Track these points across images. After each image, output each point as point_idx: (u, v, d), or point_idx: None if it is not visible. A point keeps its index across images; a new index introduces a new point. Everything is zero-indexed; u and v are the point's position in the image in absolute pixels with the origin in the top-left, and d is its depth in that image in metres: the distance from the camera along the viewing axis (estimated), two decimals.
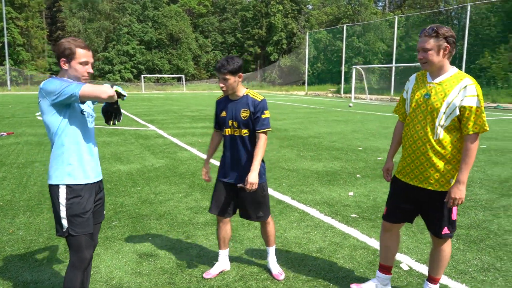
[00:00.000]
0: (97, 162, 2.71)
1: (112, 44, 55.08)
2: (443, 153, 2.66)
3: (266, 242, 3.46)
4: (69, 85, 2.38)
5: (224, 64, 3.09)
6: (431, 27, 2.61)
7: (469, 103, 2.55)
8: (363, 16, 53.00)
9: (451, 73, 2.66)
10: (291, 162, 7.98)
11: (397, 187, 2.93)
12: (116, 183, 6.40)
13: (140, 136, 11.47)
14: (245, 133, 3.22)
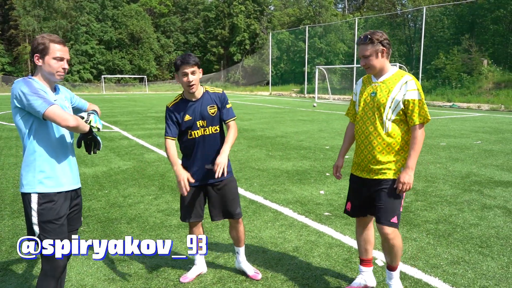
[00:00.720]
0: (74, 168, 2.57)
1: (70, 44, 53.10)
2: (393, 145, 2.83)
3: (238, 242, 3.38)
4: (37, 99, 2.26)
5: (190, 56, 2.98)
6: (365, 35, 2.80)
7: (411, 97, 2.76)
8: (324, 18, 53.98)
9: (392, 72, 2.88)
10: (261, 162, 7.98)
11: (354, 183, 3.07)
12: (82, 186, 6.06)
13: (104, 138, 11.12)
14: (216, 130, 3.16)
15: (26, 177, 2.38)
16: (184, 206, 3.23)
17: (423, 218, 4.77)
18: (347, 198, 3.16)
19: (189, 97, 3.10)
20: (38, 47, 2.36)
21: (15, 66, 54.45)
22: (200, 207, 3.25)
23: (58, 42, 2.40)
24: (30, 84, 2.32)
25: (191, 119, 3.07)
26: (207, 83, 58.63)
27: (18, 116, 2.36)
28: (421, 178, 6.69)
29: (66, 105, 2.56)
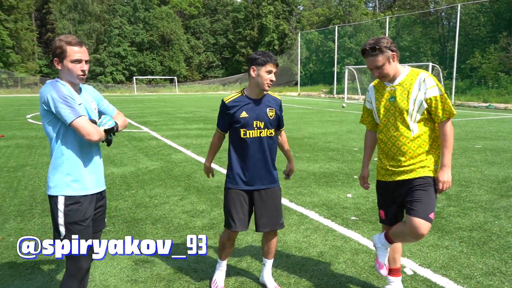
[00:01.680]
0: (99, 171, 2.58)
1: (103, 46, 54.63)
2: (423, 145, 2.73)
3: (269, 254, 3.22)
4: (66, 109, 2.27)
5: (273, 54, 2.96)
6: (371, 46, 2.67)
7: (433, 94, 2.68)
8: (354, 17, 53.22)
9: (406, 72, 2.79)
10: (285, 165, 7.86)
11: (384, 189, 2.93)
12: (110, 186, 6.26)
13: (134, 138, 11.31)
14: (271, 134, 3.06)
15: (53, 179, 2.40)
16: (233, 213, 3.03)
17: (456, 224, 4.55)
18: (379, 206, 3.02)
19: (252, 95, 3.01)
20: (56, 51, 2.36)
21: (52, 68, 56.38)
22: (248, 216, 3.09)
23: (75, 44, 2.37)
24: (59, 89, 2.31)
25: (248, 117, 2.97)
26: (236, 84, 58.92)
27: (46, 120, 2.37)
28: (454, 182, 6.42)
29: (92, 106, 2.55)
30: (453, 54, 30.15)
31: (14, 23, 49.79)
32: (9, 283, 3.28)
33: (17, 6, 49.94)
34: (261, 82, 2.94)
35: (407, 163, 2.74)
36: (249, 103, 3.01)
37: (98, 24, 53.52)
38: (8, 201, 5.47)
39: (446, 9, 40.06)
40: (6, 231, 4.38)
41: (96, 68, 53.78)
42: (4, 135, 11.79)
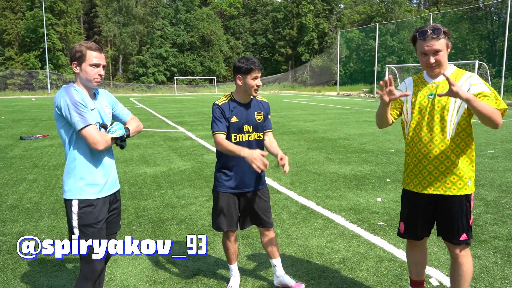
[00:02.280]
0: (112, 174, 2.62)
1: (146, 48, 56.29)
2: (456, 152, 2.49)
3: (273, 253, 3.20)
4: (76, 116, 2.33)
5: (258, 61, 2.97)
6: (436, 27, 2.42)
7: (479, 89, 2.41)
8: (396, 14, 51.74)
9: (452, 70, 2.57)
10: (319, 165, 7.76)
11: (410, 200, 2.70)
12: (141, 186, 6.41)
13: (169, 138, 11.54)
14: (259, 137, 3.09)
15: (68, 183, 2.46)
16: (221, 214, 3.09)
17: (492, 233, 4.29)
18: (401, 218, 2.79)
19: (242, 100, 3.03)
20: (75, 54, 2.42)
21: None
22: (237, 216, 3.13)
23: (94, 49, 2.44)
24: (71, 95, 2.36)
25: (238, 121, 2.99)
26: (274, 84, 58.89)
27: (60, 124, 2.44)
28: (494, 187, 6.07)
29: (107, 111, 2.60)
30: (502, 51, 28.59)
31: (63, 26, 52.36)
32: (36, 279, 3.42)
33: (66, 11, 52.49)
34: (248, 89, 2.96)
35: (437, 171, 2.51)
36: (239, 107, 3.02)
37: (141, 26, 55.24)
38: (45, 199, 5.72)
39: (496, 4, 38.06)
40: (40, 228, 4.58)
41: (139, 69, 55.50)
42: (49, 135, 12.37)
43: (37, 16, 49.12)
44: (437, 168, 2.52)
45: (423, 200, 2.61)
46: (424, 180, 2.57)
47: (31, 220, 4.86)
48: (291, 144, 10.35)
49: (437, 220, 2.64)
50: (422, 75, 2.67)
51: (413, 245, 2.81)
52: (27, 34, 50.34)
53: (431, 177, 2.54)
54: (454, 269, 2.63)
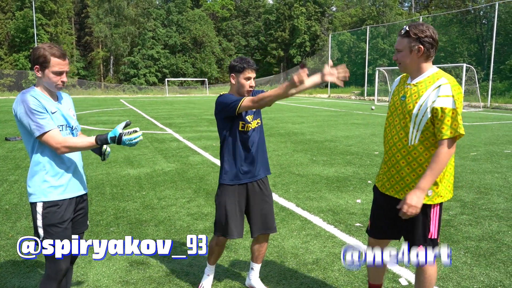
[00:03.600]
0: (79, 176, 2.62)
1: (137, 49, 56.08)
2: (419, 161, 2.43)
3: (258, 258, 3.23)
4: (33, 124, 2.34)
5: (252, 61, 3.00)
6: (405, 26, 2.45)
7: (442, 104, 2.32)
8: (388, 17, 52.11)
9: (429, 73, 2.46)
10: (302, 167, 7.80)
11: (376, 197, 2.73)
12: (123, 187, 6.40)
13: (156, 140, 11.52)
14: (258, 123, 3.12)
15: (32, 186, 2.46)
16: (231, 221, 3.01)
17: (465, 234, 4.36)
18: (370, 215, 2.82)
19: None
20: (38, 59, 2.39)
21: (88, 70, 58.45)
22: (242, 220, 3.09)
23: (58, 56, 2.40)
24: (27, 103, 2.34)
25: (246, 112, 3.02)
26: (266, 85, 58.95)
27: (22, 130, 2.44)
28: (473, 188, 6.16)
29: (71, 113, 2.60)
30: (491, 55, 28.94)
31: (54, 27, 51.98)
32: (8, 280, 3.41)
33: (57, 11, 52.11)
34: (241, 88, 2.98)
35: (399, 175, 2.50)
36: None
37: (133, 27, 55.01)
38: (24, 200, 5.69)
39: (485, 8, 38.52)
40: (17, 230, 4.56)
41: (130, 70, 55.27)
42: None
43: (27, 16, 48.73)
44: (398, 173, 2.51)
45: (386, 200, 2.62)
46: (387, 181, 2.58)
47: (8, 221, 4.83)
48: (277, 146, 10.39)
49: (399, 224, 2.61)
50: (407, 75, 2.62)
51: (375, 244, 2.74)
52: (16, 34, 49.92)
53: (392, 180, 2.55)
54: (418, 273, 2.62)
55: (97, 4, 54.97)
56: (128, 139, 2.47)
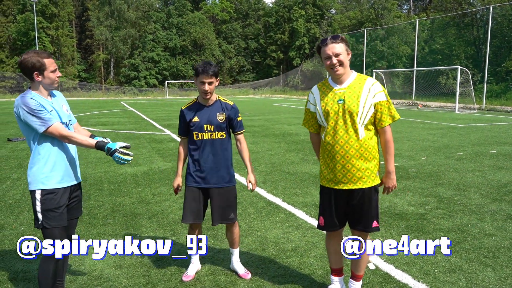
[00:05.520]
0: (74, 167, 2.95)
1: (138, 51, 56.53)
2: (369, 150, 2.85)
3: (233, 244, 3.58)
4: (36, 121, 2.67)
5: (211, 66, 3.25)
6: (334, 35, 2.84)
7: (380, 99, 2.81)
8: (386, 20, 52.49)
9: (354, 76, 2.89)
10: (293, 166, 8.13)
11: (327, 196, 2.99)
12: (120, 184, 6.73)
13: (154, 140, 11.86)
14: (222, 136, 3.40)
15: (31, 175, 2.80)
16: (186, 207, 3.42)
17: (436, 226, 4.69)
18: (319, 213, 3.08)
19: (203, 102, 3.40)
20: (35, 65, 2.71)
21: (89, 73, 58.86)
22: (201, 210, 3.44)
23: (48, 56, 2.76)
24: (28, 104, 2.67)
25: (199, 121, 3.34)
26: (266, 88, 59.33)
27: (23, 127, 2.78)
28: (452, 186, 6.48)
29: (64, 109, 2.94)
30: (485, 57, 29.26)
31: (55, 30, 52.42)
32: (12, 265, 3.74)
33: (58, 14, 52.58)
34: (199, 91, 3.33)
35: (354, 168, 2.82)
36: (201, 108, 3.38)
37: (133, 30, 55.46)
38: (26, 196, 6.02)
39: (482, 11, 38.88)
40: (19, 221, 4.90)
41: (130, 73, 55.69)
42: None
43: (28, 19, 49.18)
44: (354, 166, 2.83)
45: (338, 195, 2.93)
46: (343, 177, 2.86)
47: (12, 214, 5.17)
48: (271, 146, 10.72)
49: (350, 213, 2.97)
50: (327, 82, 2.94)
51: (332, 236, 3.12)
52: (18, 37, 50.38)
53: (349, 174, 2.85)
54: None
55: (98, 7, 55.48)
56: (118, 156, 2.80)
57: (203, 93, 3.29)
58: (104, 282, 3.41)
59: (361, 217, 2.93)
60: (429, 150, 9.97)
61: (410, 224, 4.75)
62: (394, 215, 5.08)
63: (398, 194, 6.00)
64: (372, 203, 2.92)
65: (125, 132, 13.85)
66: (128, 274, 3.54)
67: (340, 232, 3.12)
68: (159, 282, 3.42)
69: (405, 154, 9.32)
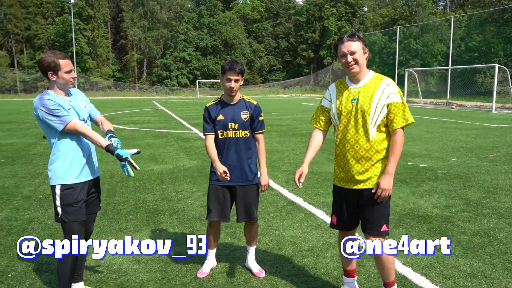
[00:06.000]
0: (92, 163, 3.05)
1: (170, 51, 57.59)
2: (380, 151, 2.78)
3: (250, 241, 3.59)
4: (54, 120, 2.77)
5: (238, 64, 3.29)
6: (351, 33, 2.79)
7: (394, 100, 2.74)
8: (421, 17, 51.12)
9: (371, 75, 2.84)
10: (317, 166, 8.06)
11: (339, 194, 2.97)
12: (145, 181, 6.89)
13: (181, 139, 12.05)
14: (246, 135, 3.41)
15: (51, 171, 2.91)
16: (211, 205, 3.43)
17: (461, 229, 4.53)
18: (332, 211, 3.07)
19: (227, 100, 3.42)
20: (50, 65, 2.81)
21: (123, 73, 60.46)
22: (226, 208, 3.45)
23: (63, 57, 2.84)
24: (46, 105, 2.78)
25: (224, 119, 3.36)
26: (296, 87, 59.07)
27: (43, 126, 2.90)
28: (482, 188, 6.25)
29: (82, 105, 3.04)
30: None
31: (91, 31, 54.16)
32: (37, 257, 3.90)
33: (94, 16, 54.29)
34: (224, 88, 3.33)
35: (364, 169, 2.78)
36: (226, 107, 3.38)
37: (166, 30, 56.54)
38: None
39: None
40: (48, 215, 5.10)
41: (162, 72, 56.80)
42: None
43: (66, 21, 51.06)
44: (364, 166, 2.79)
45: (349, 195, 2.89)
46: (353, 177, 2.83)
47: (41, 208, 5.39)
48: (296, 145, 10.68)
49: (360, 214, 2.90)
50: (344, 80, 2.92)
51: (345, 236, 2.99)
52: (56, 38, 52.39)
53: (358, 174, 2.81)
54: (376, 260, 2.90)
55: (132, 8, 56.88)
56: (127, 168, 2.91)
57: (229, 90, 3.31)
58: (121, 276, 3.51)
59: (369, 220, 2.85)
60: (461, 151, 9.65)
61: (433, 226, 4.62)
62: (417, 217, 4.95)
63: (423, 196, 5.85)
64: (381, 206, 2.82)
65: (153, 131, 14.14)
66: (145, 269, 3.62)
67: (352, 233, 3.07)
68: (174, 277, 3.48)
69: (435, 155, 9.06)
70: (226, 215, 3.45)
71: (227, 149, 3.38)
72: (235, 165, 3.38)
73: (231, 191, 3.44)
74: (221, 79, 3.36)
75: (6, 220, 4.92)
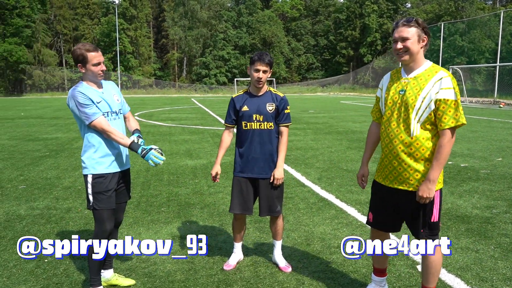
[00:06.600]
0: (122, 155, 3.12)
1: (209, 50, 58.36)
2: (421, 151, 2.53)
3: (276, 235, 3.55)
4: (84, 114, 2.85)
5: (266, 55, 3.26)
6: (409, 17, 2.55)
7: (445, 96, 2.43)
8: (467, 13, 49.01)
9: (426, 66, 2.56)
10: (352, 164, 7.90)
11: (378, 191, 2.80)
12: (179, 175, 7.00)
13: (217, 135, 12.16)
14: (270, 127, 3.36)
15: (84, 161, 3.01)
16: (235, 197, 3.45)
17: (502, 231, 4.29)
18: (370, 207, 2.92)
19: (254, 92, 3.40)
20: (78, 58, 2.89)
21: (164, 71, 61.92)
22: (249, 201, 3.44)
23: (93, 50, 2.90)
24: (76, 98, 2.87)
25: (248, 110, 3.34)
26: (334, 85, 58.27)
27: (75, 116, 2.99)
28: None
29: (115, 98, 3.10)
30: None
31: (134, 31, 55.82)
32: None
33: (137, 16, 55.92)
34: (252, 79, 3.29)
35: (401, 167, 2.57)
36: (251, 98, 3.36)
37: (205, 29, 57.36)
38: None
39: None
40: (84, 205, 5.28)
41: (202, 71, 57.68)
42: None
43: (111, 21, 52.94)
44: (401, 164, 2.58)
45: (388, 193, 2.69)
46: (390, 174, 2.65)
47: (79, 198, 5.60)
48: (332, 143, 10.52)
49: (402, 214, 2.72)
50: (400, 70, 2.70)
51: (377, 235, 2.86)
52: (102, 38, 54.42)
53: (395, 172, 2.61)
54: (422, 259, 2.72)
55: (173, 8, 58.10)
56: (154, 154, 2.93)
57: (256, 81, 3.28)
58: (150, 266, 3.57)
59: (411, 223, 2.67)
60: (507, 151, 9.16)
61: (472, 227, 4.40)
62: (455, 217, 4.74)
63: (463, 196, 5.59)
64: (420, 210, 2.59)
65: (190, 127, 14.36)
66: (173, 259, 3.67)
67: (387, 235, 2.89)
68: (201, 269, 3.51)
69: (478, 155, 8.65)
70: (249, 208, 3.43)
71: (251, 141, 3.34)
72: (258, 157, 3.34)
73: (254, 184, 3.41)
74: (249, 70, 3.34)
75: (47, 209, 5.14)
